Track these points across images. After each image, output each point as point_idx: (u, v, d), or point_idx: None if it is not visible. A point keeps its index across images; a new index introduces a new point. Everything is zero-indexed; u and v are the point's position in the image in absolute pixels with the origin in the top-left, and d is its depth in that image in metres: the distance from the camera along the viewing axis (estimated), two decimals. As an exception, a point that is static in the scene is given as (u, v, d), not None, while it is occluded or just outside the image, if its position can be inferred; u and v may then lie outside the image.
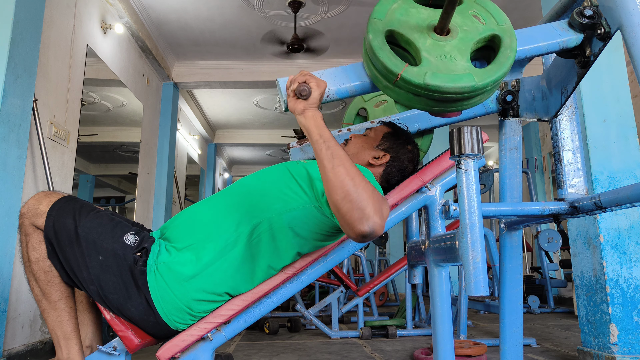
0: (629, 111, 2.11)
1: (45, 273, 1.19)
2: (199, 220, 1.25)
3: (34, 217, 1.18)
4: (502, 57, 0.96)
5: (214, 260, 1.18)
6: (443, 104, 0.95)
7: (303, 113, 1.00)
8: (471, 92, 0.92)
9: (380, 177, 1.37)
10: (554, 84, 1.17)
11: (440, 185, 1.37)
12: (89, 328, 1.32)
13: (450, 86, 0.90)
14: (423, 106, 0.97)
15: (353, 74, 1.04)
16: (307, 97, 1.00)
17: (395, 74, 0.93)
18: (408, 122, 1.45)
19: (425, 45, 0.96)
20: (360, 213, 0.90)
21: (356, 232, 0.91)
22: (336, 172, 0.94)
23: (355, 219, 0.90)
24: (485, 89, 0.94)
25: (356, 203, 0.91)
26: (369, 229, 0.90)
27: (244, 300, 1.22)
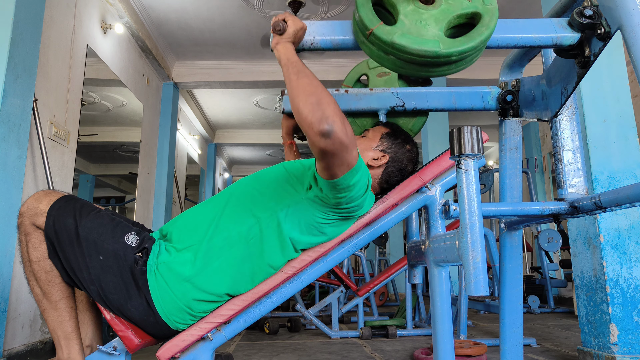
0: (629, 111, 2.11)
1: (46, 273, 1.19)
2: (199, 222, 1.25)
3: (33, 216, 1.18)
4: (474, 32, 0.98)
5: (215, 261, 1.19)
6: (409, 65, 1.00)
7: (276, 46, 1.10)
8: (434, 57, 0.95)
9: (380, 178, 1.37)
10: (554, 84, 1.17)
11: (440, 185, 1.37)
12: (89, 328, 1.32)
13: (414, 47, 0.95)
14: (391, 65, 1.02)
15: (339, 29, 1.11)
16: (281, 33, 1.09)
17: (368, 29, 0.99)
18: (405, 98, 1.45)
19: (406, 9, 1.02)
20: (321, 113, 0.97)
21: (315, 131, 0.97)
22: (300, 82, 1.03)
23: (315, 119, 0.96)
24: (449, 58, 0.96)
25: (317, 105, 0.98)
26: (328, 127, 0.96)
27: (244, 300, 1.22)
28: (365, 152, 1.37)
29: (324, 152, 1.01)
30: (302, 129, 1.01)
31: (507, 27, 1.07)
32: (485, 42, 1.00)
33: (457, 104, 1.41)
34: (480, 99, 1.38)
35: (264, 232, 1.21)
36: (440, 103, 1.43)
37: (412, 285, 4.01)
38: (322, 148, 1.00)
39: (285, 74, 1.06)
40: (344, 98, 1.47)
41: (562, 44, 1.05)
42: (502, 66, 1.39)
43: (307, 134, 0.99)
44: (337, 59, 4.85)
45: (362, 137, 1.42)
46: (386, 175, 1.37)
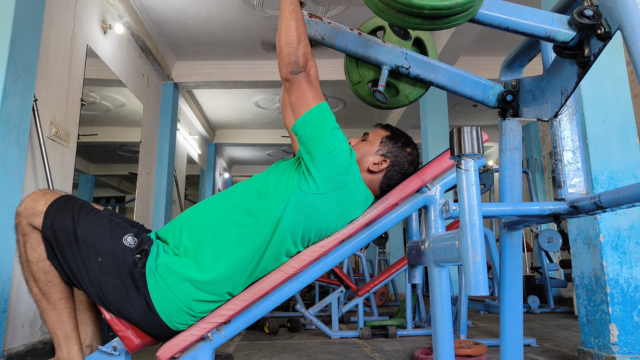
0: (629, 111, 2.11)
1: (45, 273, 1.18)
2: (196, 223, 1.25)
3: (31, 216, 1.18)
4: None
5: (214, 261, 1.19)
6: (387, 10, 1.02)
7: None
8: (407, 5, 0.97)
9: (381, 182, 1.37)
10: (554, 84, 1.17)
11: (440, 185, 1.37)
12: (89, 327, 1.32)
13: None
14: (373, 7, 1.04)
15: None
16: None
17: None
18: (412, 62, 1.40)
19: None
20: (295, 57, 1.21)
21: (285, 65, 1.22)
22: (290, 22, 1.22)
23: (289, 58, 1.21)
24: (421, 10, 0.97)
25: (294, 47, 1.21)
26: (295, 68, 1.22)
27: (244, 300, 1.22)
28: (366, 157, 1.37)
29: (289, 84, 1.23)
30: (278, 62, 1.24)
31: (504, 9, 1.07)
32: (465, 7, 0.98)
33: (458, 87, 1.39)
34: (482, 91, 1.37)
35: (263, 232, 1.21)
36: (444, 80, 1.40)
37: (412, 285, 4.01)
38: (288, 79, 1.23)
39: (282, 8, 1.25)
40: (355, 40, 1.43)
41: (555, 39, 1.04)
42: (502, 66, 1.39)
43: (280, 67, 1.23)
44: (338, 59, 4.85)
45: (362, 141, 1.41)
46: (387, 179, 1.37)
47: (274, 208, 1.21)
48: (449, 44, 4.11)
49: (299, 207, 1.21)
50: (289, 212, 1.21)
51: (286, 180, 1.25)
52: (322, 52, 4.62)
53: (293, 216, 1.21)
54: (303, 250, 1.28)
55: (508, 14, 1.07)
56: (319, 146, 1.21)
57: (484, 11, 1.08)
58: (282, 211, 1.21)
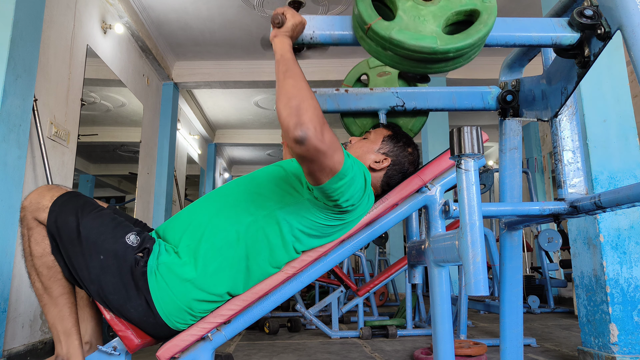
0: (629, 111, 2.11)
1: (48, 268, 1.18)
2: (196, 221, 1.25)
3: (36, 211, 1.18)
4: (472, 29, 0.98)
5: (214, 260, 1.18)
6: (407, 61, 1.00)
7: (273, 39, 1.11)
8: (431, 53, 0.95)
9: (381, 181, 1.37)
10: (554, 84, 1.17)
11: (440, 185, 1.37)
12: (89, 324, 1.32)
13: (411, 43, 0.95)
14: (389, 61, 1.02)
15: (339, 24, 1.12)
16: (280, 26, 1.10)
17: (366, 24, 1.00)
18: (405, 98, 1.45)
19: (405, 5, 1.02)
20: (297, 119, 0.96)
21: (290, 137, 0.97)
22: (285, 82, 1.02)
23: (291, 125, 0.96)
24: (446, 54, 0.96)
25: (295, 110, 0.97)
26: (302, 134, 0.96)
27: (244, 300, 1.22)
28: (367, 154, 1.37)
29: (300, 157, 1.02)
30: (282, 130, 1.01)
31: (507, 26, 1.07)
32: (483, 40, 1.00)
33: (457, 104, 1.41)
34: (480, 99, 1.38)
35: (263, 231, 1.21)
36: (440, 103, 1.43)
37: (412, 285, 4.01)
38: (298, 154, 1.01)
39: (276, 70, 1.07)
40: (344, 98, 1.47)
41: (562, 44, 1.05)
42: (502, 66, 1.39)
43: (285, 138, 1.00)
44: (338, 59, 4.85)
45: (364, 140, 1.42)
46: (387, 178, 1.37)
47: (274, 210, 1.21)
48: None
49: (300, 211, 1.21)
50: (290, 215, 1.21)
51: (290, 183, 1.25)
52: (323, 52, 4.62)
53: (294, 219, 1.21)
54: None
55: (511, 30, 1.07)
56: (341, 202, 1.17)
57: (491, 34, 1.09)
58: (283, 214, 1.21)
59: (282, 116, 0.98)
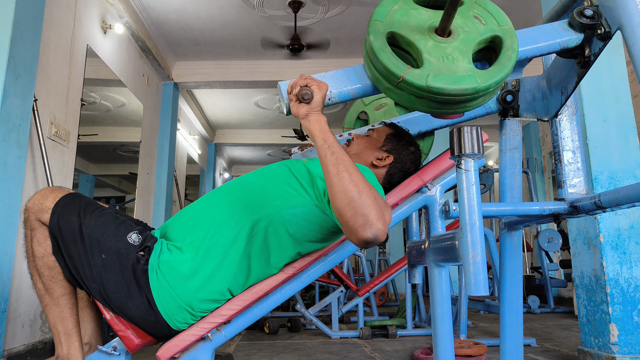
0: (629, 111, 2.11)
1: (49, 269, 1.19)
2: (199, 219, 1.25)
3: (39, 212, 1.19)
4: (503, 58, 0.96)
5: (215, 259, 1.19)
6: (445, 105, 0.95)
7: (307, 117, 1.00)
8: (474, 93, 0.92)
9: (382, 178, 1.38)
10: (554, 84, 1.17)
11: (440, 185, 1.37)
12: (89, 325, 1.33)
13: (453, 88, 0.90)
14: (425, 108, 0.97)
15: (354, 76, 1.03)
16: (309, 101, 0.99)
17: (397, 76, 0.92)
18: (408, 125, 1.46)
19: (427, 46, 0.96)
20: (364, 219, 0.90)
21: (359, 239, 0.91)
22: (341, 177, 0.94)
23: (358, 226, 0.90)
24: (487, 90, 0.94)
25: (360, 209, 0.91)
26: (371, 236, 0.90)
27: (244, 300, 1.22)
28: (370, 151, 1.38)
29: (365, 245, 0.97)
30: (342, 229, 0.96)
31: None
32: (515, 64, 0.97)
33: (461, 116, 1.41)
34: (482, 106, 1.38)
35: (266, 231, 1.21)
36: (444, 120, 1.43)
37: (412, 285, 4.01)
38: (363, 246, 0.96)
39: (322, 158, 0.97)
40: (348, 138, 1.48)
41: (569, 47, 1.05)
42: (502, 66, 1.38)
43: (348, 236, 0.95)
44: (337, 59, 4.86)
45: (366, 137, 1.42)
46: (389, 176, 1.38)
47: (281, 210, 1.21)
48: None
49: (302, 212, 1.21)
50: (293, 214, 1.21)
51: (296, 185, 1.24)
52: (323, 52, 4.62)
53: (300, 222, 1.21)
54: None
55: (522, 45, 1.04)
56: None
57: None
58: (286, 212, 1.21)
59: (346, 216, 0.92)
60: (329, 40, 4.42)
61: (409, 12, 1.01)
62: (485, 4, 1.05)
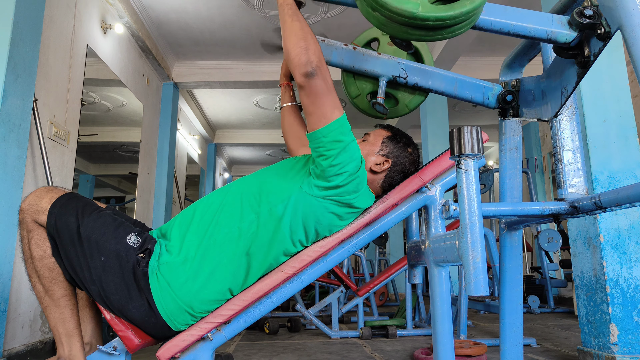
0: (629, 111, 2.11)
1: (49, 270, 1.18)
2: (197, 220, 1.25)
3: (35, 213, 1.18)
4: (458, 3, 0.97)
5: (214, 258, 1.19)
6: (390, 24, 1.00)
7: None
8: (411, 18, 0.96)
9: (382, 182, 1.37)
10: (554, 84, 1.17)
11: (440, 185, 1.37)
12: (89, 325, 1.32)
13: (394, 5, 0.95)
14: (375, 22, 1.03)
15: None
16: None
17: None
18: (410, 71, 1.41)
19: None
20: (307, 58, 1.13)
21: (301, 72, 1.13)
22: (293, 25, 1.16)
23: (302, 62, 1.13)
24: (426, 22, 0.96)
25: (304, 50, 1.13)
26: (311, 70, 1.12)
27: (244, 300, 1.22)
28: (368, 157, 1.37)
29: (306, 91, 1.15)
30: (289, 68, 1.15)
31: (504, 14, 1.07)
32: (469, 16, 0.98)
33: (457, 91, 1.39)
34: (481, 93, 1.37)
35: (265, 227, 1.21)
36: (442, 86, 1.40)
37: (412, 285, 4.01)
38: (304, 86, 1.14)
39: (281, 14, 1.19)
40: (350, 54, 1.44)
41: (557, 40, 1.04)
42: (502, 66, 1.38)
43: (293, 73, 1.14)
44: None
45: (363, 142, 1.42)
46: (389, 179, 1.37)
47: (275, 206, 1.22)
48: (449, 45, 4.11)
49: (299, 207, 1.21)
50: (290, 211, 1.21)
51: (290, 179, 1.25)
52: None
53: (293, 215, 1.21)
54: (303, 250, 1.28)
55: (508, 18, 1.06)
56: (332, 163, 1.18)
57: (485, 17, 1.08)
58: (282, 210, 1.21)
59: (292, 54, 1.13)
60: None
61: None
62: None
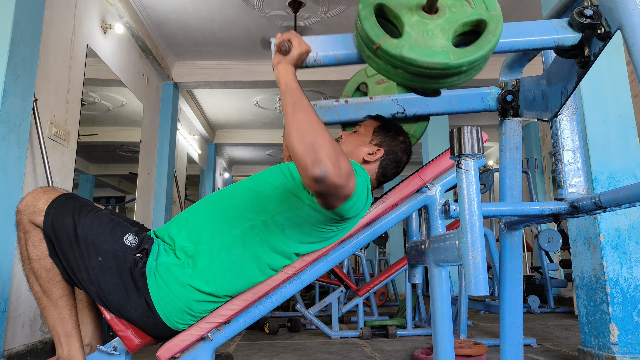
0: (629, 111, 2.11)
1: (46, 271, 1.18)
2: (196, 223, 1.25)
3: (32, 214, 1.18)
4: (482, 41, 0.97)
5: (212, 263, 1.18)
6: (419, 78, 0.97)
7: (277, 65, 1.07)
8: (445, 69, 0.93)
9: (377, 172, 1.38)
10: (554, 84, 1.17)
11: (440, 185, 1.37)
12: (89, 326, 1.32)
13: (424, 60, 0.92)
14: (400, 79, 1.00)
15: (342, 43, 1.08)
16: (286, 54, 1.06)
17: (375, 43, 0.96)
18: (406, 105, 1.44)
19: (411, 20, 0.99)
20: (314, 156, 0.93)
21: (309, 176, 0.94)
22: (296, 116, 0.99)
23: (308, 162, 0.93)
24: (459, 68, 0.95)
25: (310, 147, 0.94)
26: (320, 173, 0.93)
27: (244, 300, 1.22)
28: (360, 147, 1.37)
29: (317, 193, 1.02)
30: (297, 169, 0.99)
31: (510, 32, 1.07)
32: (494, 49, 0.98)
33: (457, 107, 1.41)
34: (481, 100, 1.38)
35: (261, 236, 1.20)
36: (441, 107, 1.43)
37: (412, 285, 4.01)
38: (316, 191, 0.99)
39: (283, 101, 1.03)
40: (344, 109, 1.47)
41: (564, 45, 1.04)
42: (502, 66, 1.39)
43: (300, 175, 0.97)
44: (337, 59, 4.85)
45: (354, 133, 1.41)
46: (382, 169, 1.38)
47: (274, 214, 1.21)
48: (449, 44, 4.11)
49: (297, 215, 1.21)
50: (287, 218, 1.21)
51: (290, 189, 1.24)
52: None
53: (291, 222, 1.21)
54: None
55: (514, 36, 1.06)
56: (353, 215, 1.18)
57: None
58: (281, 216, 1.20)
59: (298, 153, 0.95)
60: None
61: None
62: None
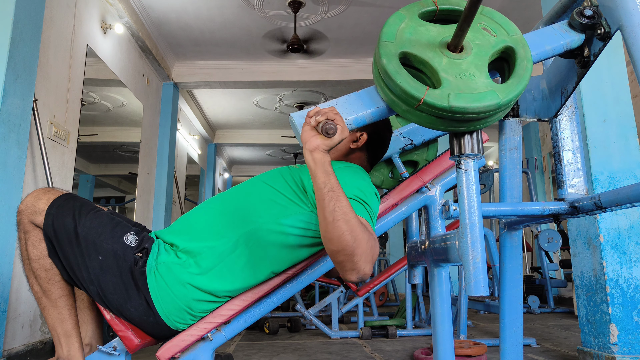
0: (629, 111, 2.11)
1: (46, 271, 1.18)
2: (197, 225, 1.25)
3: (32, 214, 1.18)
4: (520, 70, 0.93)
5: (213, 265, 1.18)
6: (467, 123, 0.91)
7: (315, 150, 0.95)
8: (496, 109, 0.89)
9: (367, 157, 1.40)
10: (554, 84, 1.17)
11: (440, 185, 1.37)
12: (89, 326, 1.32)
13: (476, 106, 0.86)
14: (447, 127, 0.93)
15: (368, 100, 0.99)
16: (330, 137, 0.94)
17: (417, 99, 0.88)
18: (411, 136, 1.46)
19: (442, 64, 0.92)
20: (352, 265, 0.96)
21: (346, 278, 0.99)
22: (336, 225, 0.94)
23: (347, 269, 0.97)
24: (509, 104, 0.91)
25: (350, 257, 0.95)
26: (357, 279, 0.99)
27: (244, 300, 1.22)
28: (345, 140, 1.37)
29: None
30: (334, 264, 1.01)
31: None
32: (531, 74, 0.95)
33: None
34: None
35: (264, 239, 1.20)
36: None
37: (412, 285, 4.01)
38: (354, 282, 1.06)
39: (320, 200, 0.96)
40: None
41: (572, 48, 1.05)
42: (502, 66, 1.38)
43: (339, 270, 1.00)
44: (338, 59, 4.85)
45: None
46: (372, 152, 1.40)
47: (271, 217, 1.21)
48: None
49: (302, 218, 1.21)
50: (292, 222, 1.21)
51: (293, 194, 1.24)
52: (323, 52, 4.62)
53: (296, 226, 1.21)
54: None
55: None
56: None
57: None
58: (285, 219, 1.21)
59: (337, 259, 0.97)
60: (329, 40, 4.42)
61: (418, 29, 0.96)
62: (491, 14, 1.01)
